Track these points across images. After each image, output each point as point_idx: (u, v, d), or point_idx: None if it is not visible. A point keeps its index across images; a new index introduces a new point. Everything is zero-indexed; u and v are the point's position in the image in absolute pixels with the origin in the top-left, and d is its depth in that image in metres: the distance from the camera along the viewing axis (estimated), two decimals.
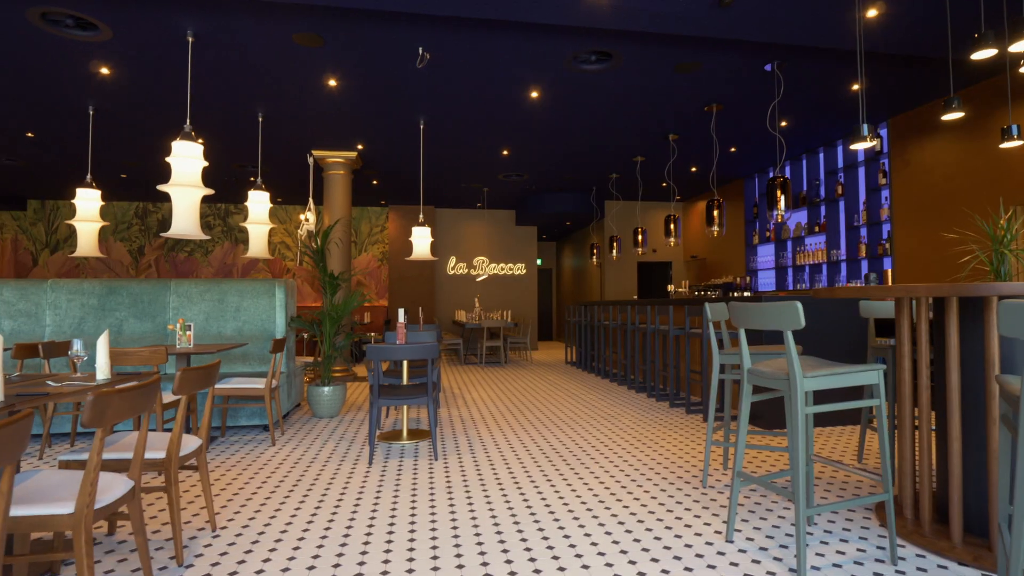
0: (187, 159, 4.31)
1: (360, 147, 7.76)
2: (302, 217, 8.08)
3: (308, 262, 12.18)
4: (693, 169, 9.01)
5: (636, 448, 3.96)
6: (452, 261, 12.38)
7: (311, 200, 7.50)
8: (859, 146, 3.38)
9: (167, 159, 4.25)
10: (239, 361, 5.11)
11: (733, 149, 7.86)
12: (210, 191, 4.38)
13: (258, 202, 6.20)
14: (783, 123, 6.73)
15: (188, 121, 4.55)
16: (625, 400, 5.91)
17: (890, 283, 6.47)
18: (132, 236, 11.92)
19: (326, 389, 5.12)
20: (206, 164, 4.40)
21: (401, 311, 4.44)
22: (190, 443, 2.53)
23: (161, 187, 4.16)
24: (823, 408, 2.14)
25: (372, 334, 9.59)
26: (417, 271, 11.94)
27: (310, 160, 7.94)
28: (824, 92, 5.82)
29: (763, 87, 5.69)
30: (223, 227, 11.97)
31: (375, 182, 9.84)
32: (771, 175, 9.14)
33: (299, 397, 5.59)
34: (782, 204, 4.80)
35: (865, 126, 3.23)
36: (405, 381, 4.44)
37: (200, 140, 7.43)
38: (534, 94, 5.81)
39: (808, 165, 7.94)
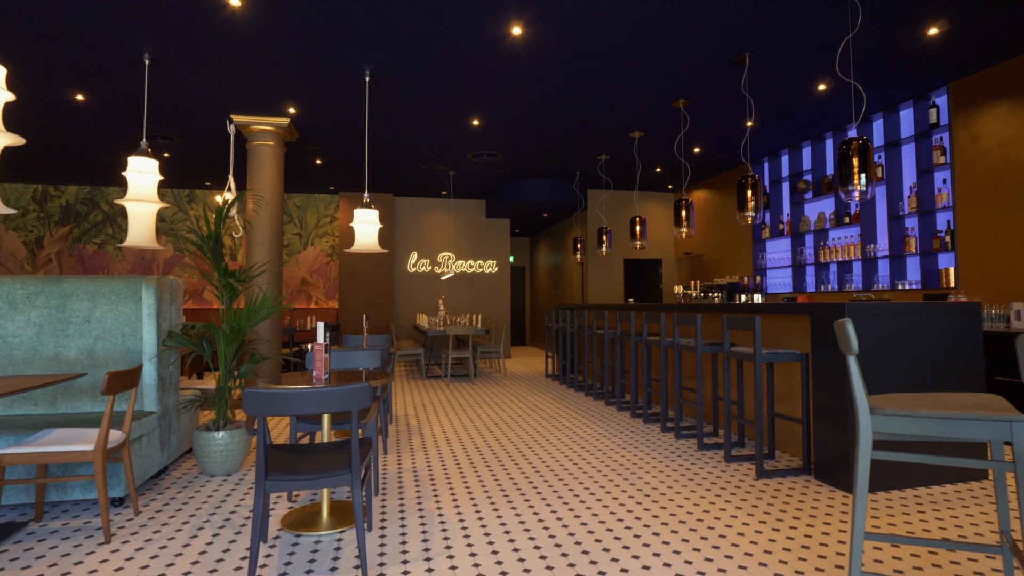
0: None
1: (292, 111, 6.15)
2: (219, 199, 6.43)
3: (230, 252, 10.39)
4: (697, 150, 7.71)
5: (682, 537, 2.53)
6: (413, 257, 10.80)
7: (231, 178, 5.87)
8: None
9: None
10: (87, 396, 3.49)
11: (751, 123, 6.58)
12: (18, 139, 2.75)
13: (141, 172, 4.55)
14: (821, 87, 5.46)
15: None
16: (636, 437, 4.52)
17: (953, 284, 5.28)
18: (29, 224, 9.95)
19: (219, 436, 3.55)
20: (12, 97, 2.78)
21: (321, 326, 2.92)
22: None
23: None
24: None
25: (310, 345, 7.96)
26: (372, 268, 10.33)
27: (230, 128, 6.29)
28: (890, 37, 4.55)
29: (813, 29, 4.38)
30: None
31: (318, 161, 8.20)
32: (785, 157, 7.92)
33: (189, 442, 4.00)
34: (863, 180, 3.46)
35: None
36: (327, 435, 2.92)
37: (79, 95, 5.70)
38: (516, 30, 4.35)
39: (835, 144, 6.72)
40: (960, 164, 5.24)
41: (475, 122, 6.52)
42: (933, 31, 4.33)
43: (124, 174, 4.69)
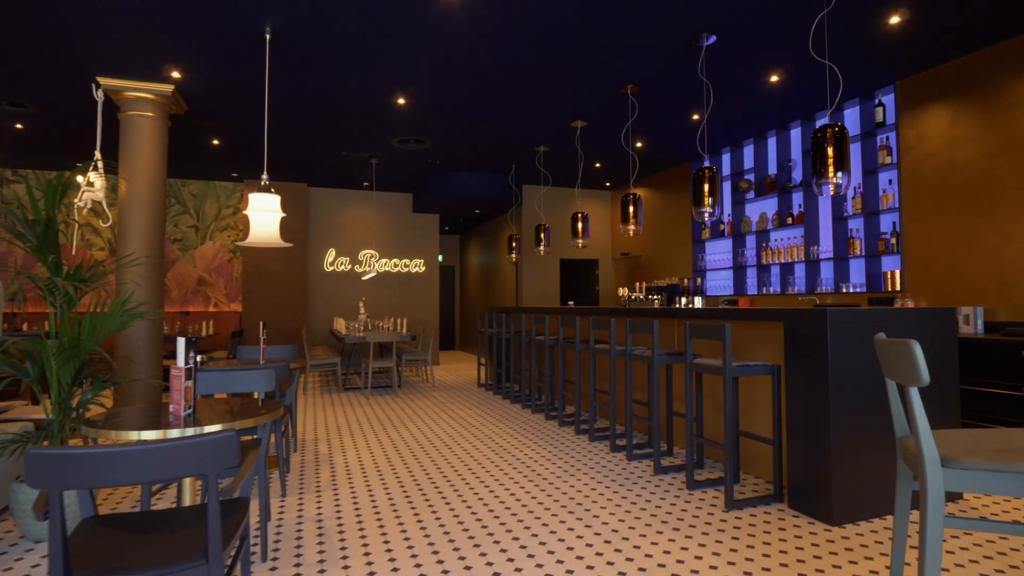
0: None
1: (176, 75, 5.13)
2: (80, 179, 5.30)
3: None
4: (639, 144, 7.35)
5: None
6: (331, 255, 9.80)
7: (98, 153, 4.79)
8: None
9: None
10: None
11: (696, 116, 6.26)
12: None
13: None
14: (773, 78, 5.18)
15: None
16: (584, 459, 3.97)
17: (898, 288, 5.16)
18: None
19: None
20: None
21: (181, 342, 2.12)
22: None
23: None
24: None
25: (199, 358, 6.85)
26: (283, 266, 9.24)
27: (98, 95, 5.16)
28: (843, 29, 4.29)
29: (777, 11, 4.03)
30: None
31: (216, 141, 7.11)
32: (726, 155, 7.73)
33: (7, 497, 3.01)
34: (838, 175, 3.11)
35: None
36: (189, 493, 2.11)
37: None
38: None
39: (778, 143, 6.55)
40: (906, 164, 5.13)
41: (401, 100, 5.77)
42: (895, 19, 4.10)
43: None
